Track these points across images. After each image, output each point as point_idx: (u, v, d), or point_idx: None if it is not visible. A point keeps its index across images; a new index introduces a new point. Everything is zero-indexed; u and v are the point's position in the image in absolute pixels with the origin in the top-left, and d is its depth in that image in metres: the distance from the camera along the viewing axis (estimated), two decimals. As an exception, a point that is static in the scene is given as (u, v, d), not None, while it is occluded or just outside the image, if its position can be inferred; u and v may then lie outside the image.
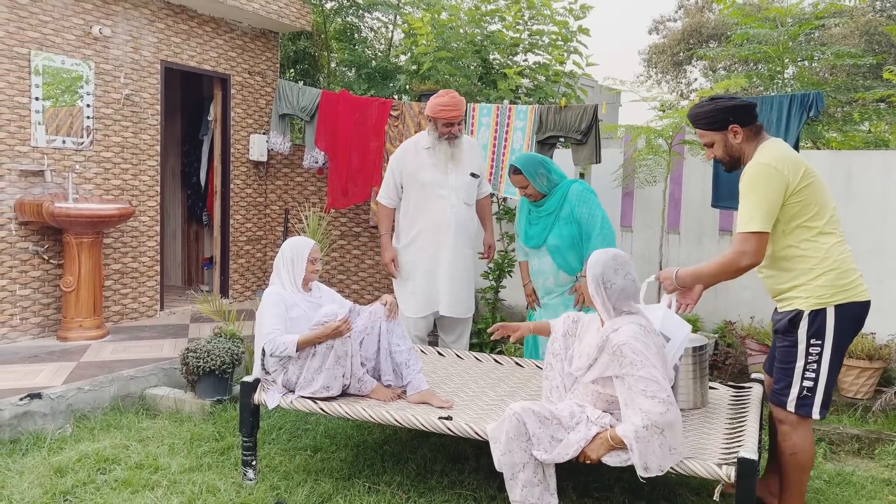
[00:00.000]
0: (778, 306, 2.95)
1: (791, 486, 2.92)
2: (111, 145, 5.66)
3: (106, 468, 3.39)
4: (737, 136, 2.86)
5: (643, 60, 25.22)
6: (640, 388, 2.51)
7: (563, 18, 6.37)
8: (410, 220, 4.34)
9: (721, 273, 2.84)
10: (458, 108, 4.18)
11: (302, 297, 3.42)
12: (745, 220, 2.74)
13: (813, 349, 2.80)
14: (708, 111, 2.88)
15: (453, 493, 3.23)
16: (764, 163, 2.76)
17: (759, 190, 2.72)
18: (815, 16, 6.72)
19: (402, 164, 4.32)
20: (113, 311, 5.74)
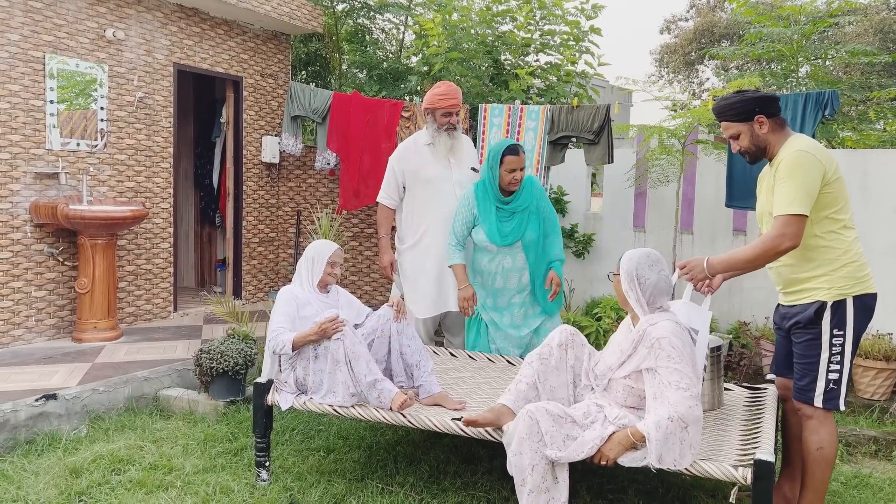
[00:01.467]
0: (788, 299, 2.93)
1: (815, 483, 2.89)
2: (125, 148, 5.70)
3: (120, 469, 3.41)
4: (763, 127, 2.88)
5: (655, 60, 25.15)
6: (672, 380, 2.51)
7: (575, 18, 6.36)
8: (417, 218, 4.28)
9: (760, 257, 2.80)
10: (455, 97, 4.13)
11: (316, 296, 3.42)
12: (787, 203, 2.73)
13: (836, 340, 2.81)
14: (734, 102, 2.92)
15: (466, 495, 3.23)
16: (803, 149, 2.79)
17: (799, 175, 2.74)
18: (830, 14, 6.66)
19: (404, 162, 4.27)
20: (127, 312, 5.77)
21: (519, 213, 3.91)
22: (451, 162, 4.21)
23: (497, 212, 3.91)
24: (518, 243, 3.92)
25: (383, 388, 3.07)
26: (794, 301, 2.91)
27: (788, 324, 2.96)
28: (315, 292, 3.43)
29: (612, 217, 5.98)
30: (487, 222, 3.91)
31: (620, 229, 5.87)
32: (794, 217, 2.71)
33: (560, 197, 5.97)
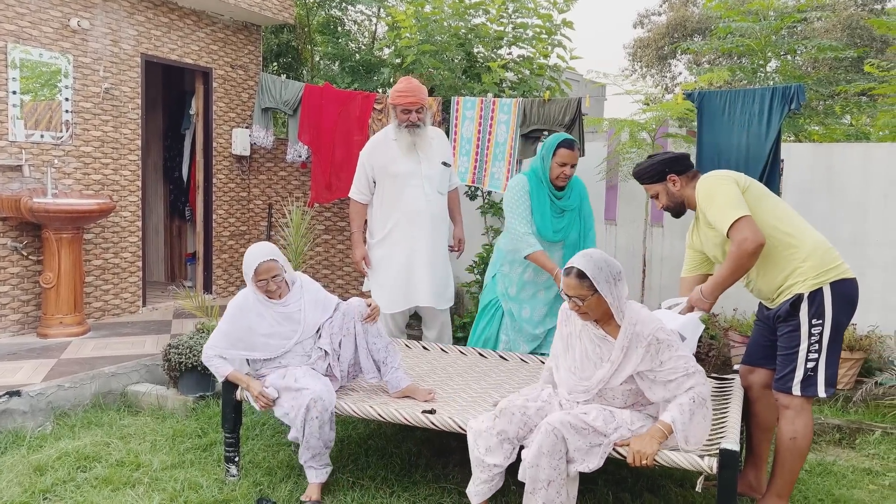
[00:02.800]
0: (774, 304, 2.99)
1: (784, 472, 2.94)
2: (91, 140, 5.59)
3: (86, 466, 3.35)
4: (675, 185, 3.11)
5: (628, 54, 25.29)
6: (680, 367, 2.55)
7: (547, 12, 6.36)
8: (385, 213, 4.26)
9: (735, 270, 2.90)
10: (414, 93, 4.08)
11: (271, 309, 3.23)
12: (725, 217, 2.86)
13: (815, 329, 2.87)
14: (646, 167, 3.15)
15: (438, 487, 3.23)
16: (703, 177, 3.05)
17: (717, 191, 2.94)
18: (797, 9, 6.75)
19: (373, 157, 4.24)
20: (94, 307, 5.68)
21: (569, 212, 3.90)
22: (420, 157, 4.17)
23: (551, 206, 3.86)
24: (561, 241, 3.91)
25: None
26: (779, 303, 2.97)
27: (765, 318, 3.07)
28: (270, 304, 3.24)
29: (583, 210, 6.00)
30: (541, 215, 3.82)
31: (592, 222, 5.89)
32: (740, 220, 2.82)
33: (532, 190, 5.98)
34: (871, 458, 3.83)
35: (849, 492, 3.37)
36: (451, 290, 4.46)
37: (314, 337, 3.31)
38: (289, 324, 3.25)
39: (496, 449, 2.66)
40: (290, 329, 3.25)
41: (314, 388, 3.06)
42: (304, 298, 3.32)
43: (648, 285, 5.60)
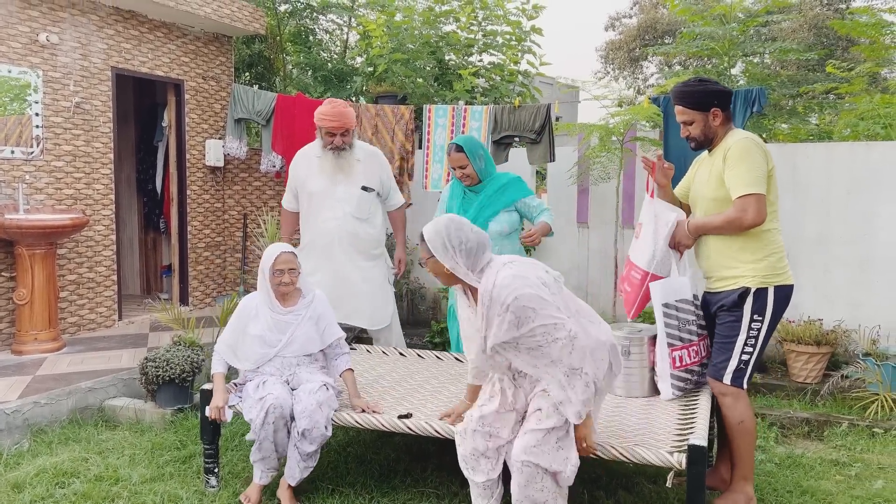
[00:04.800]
0: (716, 285, 3.09)
1: (742, 455, 3.06)
2: (62, 154, 5.57)
3: (64, 482, 3.35)
4: (716, 119, 3.03)
5: (600, 57, 25.57)
6: (550, 340, 2.46)
7: (517, 19, 6.45)
8: (303, 227, 4.29)
9: (724, 228, 2.97)
10: (338, 119, 4.00)
11: (271, 312, 3.28)
12: (745, 184, 2.88)
13: (755, 324, 2.99)
14: (695, 91, 3.05)
15: (416, 492, 3.27)
16: (750, 138, 2.98)
17: (750, 158, 2.91)
18: (760, 12, 6.90)
19: (296, 169, 4.24)
20: (69, 322, 5.64)
21: (481, 200, 3.94)
22: (339, 178, 4.11)
23: (463, 196, 4.01)
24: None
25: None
26: (721, 287, 3.07)
27: (714, 308, 3.12)
28: (273, 307, 3.29)
29: (556, 213, 6.01)
30: (452, 207, 4.02)
31: (565, 225, 5.98)
32: (755, 196, 2.87)
33: (505, 195, 6.06)
34: (839, 449, 3.94)
35: (816, 483, 3.47)
36: (386, 310, 4.37)
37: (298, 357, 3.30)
38: (279, 332, 3.27)
39: (477, 467, 2.67)
40: (277, 338, 3.27)
41: (275, 393, 3.10)
42: (306, 314, 3.32)
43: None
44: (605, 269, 5.80)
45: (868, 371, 4.55)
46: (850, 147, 5.21)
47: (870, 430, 4.12)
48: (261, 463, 3.16)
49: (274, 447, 3.12)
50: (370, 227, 4.24)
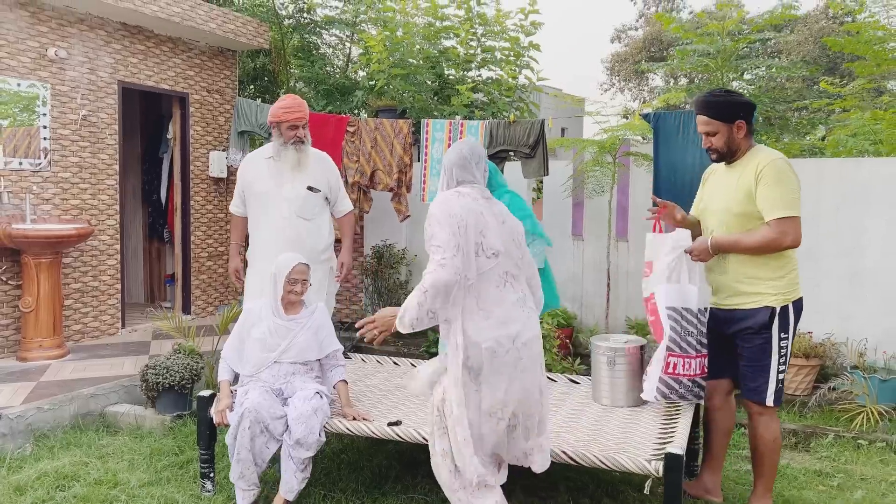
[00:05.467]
0: (731, 302, 3.07)
1: (771, 469, 3.16)
2: (69, 165, 5.71)
3: (65, 485, 3.45)
4: (740, 131, 3.05)
5: (606, 69, 25.73)
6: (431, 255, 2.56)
7: (515, 34, 6.58)
8: (251, 231, 4.24)
9: (760, 248, 2.96)
10: (300, 109, 4.03)
11: (274, 318, 3.37)
12: (784, 207, 2.91)
13: (783, 343, 3.04)
14: (721, 101, 3.06)
15: (406, 498, 3.36)
16: (783, 158, 3.01)
17: (787, 180, 2.95)
18: (760, 26, 7.01)
19: (243, 173, 4.22)
20: (74, 329, 5.77)
21: None
22: (285, 178, 4.07)
23: None
24: None
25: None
26: (737, 304, 3.07)
27: (734, 328, 3.09)
28: (277, 313, 3.39)
29: (551, 226, 6.18)
30: None
31: (560, 238, 6.08)
32: (794, 219, 2.92)
33: (502, 208, 6.18)
34: (823, 460, 4.01)
35: (798, 493, 3.54)
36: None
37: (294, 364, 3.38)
38: (279, 337, 3.36)
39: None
40: (276, 343, 3.36)
41: (252, 398, 3.17)
42: (307, 323, 3.42)
43: (615, 298, 5.78)
44: (598, 281, 5.89)
45: (855, 384, 4.62)
46: (840, 163, 5.30)
47: (855, 442, 4.19)
48: (241, 481, 3.17)
49: (252, 458, 3.13)
50: (315, 229, 4.16)
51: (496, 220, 2.65)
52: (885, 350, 4.97)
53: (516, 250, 2.69)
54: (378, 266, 6.39)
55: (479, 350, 2.53)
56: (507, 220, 2.71)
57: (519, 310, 2.62)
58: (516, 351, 2.56)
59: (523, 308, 2.64)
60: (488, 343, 2.53)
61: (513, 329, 2.57)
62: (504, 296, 2.60)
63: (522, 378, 2.58)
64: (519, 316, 2.61)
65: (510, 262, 2.66)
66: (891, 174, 5.09)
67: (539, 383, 2.66)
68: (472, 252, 2.54)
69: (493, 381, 2.55)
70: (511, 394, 2.57)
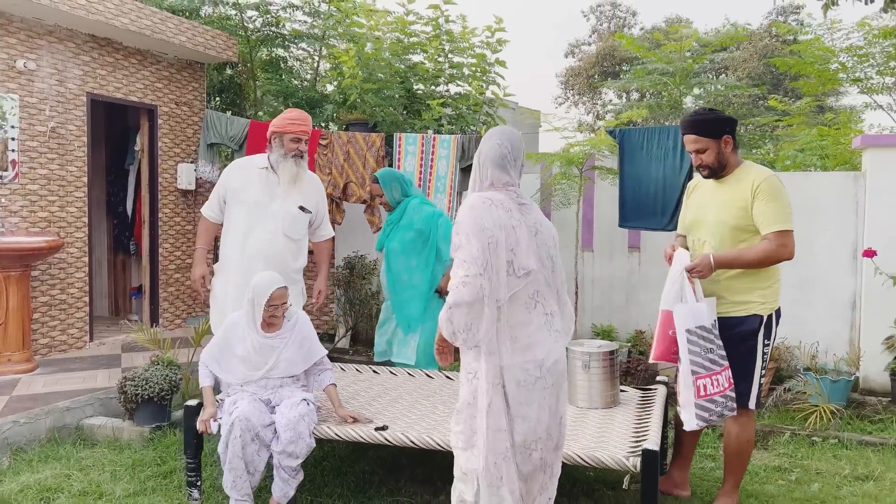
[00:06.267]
0: (721, 308, 3.20)
1: (741, 469, 3.38)
2: (37, 178, 5.66)
3: (49, 497, 3.46)
4: (727, 146, 3.22)
5: (560, 83, 26.27)
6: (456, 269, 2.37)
7: (482, 51, 6.78)
8: (227, 239, 4.07)
9: (764, 261, 3.11)
10: (306, 122, 4.01)
11: (257, 336, 3.38)
12: (782, 221, 3.09)
13: (766, 349, 3.25)
14: (707, 119, 3.23)
15: (392, 500, 3.47)
16: (776, 175, 3.20)
17: (782, 196, 3.14)
18: (709, 49, 7.37)
19: (229, 179, 4.07)
20: (41, 343, 5.70)
21: (389, 226, 4.51)
22: (278, 193, 3.97)
23: (390, 216, 4.56)
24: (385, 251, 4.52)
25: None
26: (729, 312, 3.22)
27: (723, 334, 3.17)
28: (258, 333, 3.38)
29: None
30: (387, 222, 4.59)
31: (528, 249, 6.26)
32: (790, 232, 3.10)
33: (471, 219, 6.35)
34: (781, 456, 4.25)
35: (760, 487, 3.76)
36: None
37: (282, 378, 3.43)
38: (264, 355, 3.38)
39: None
40: (262, 361, 3.38)
41: (241, 407, 3.22)
42: (291, 338, 3.43)
43: (581, 307, 5.99)
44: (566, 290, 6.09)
45: (808, 385, 4.90)
46: (790, 177, 5.61)
47: (809, 439, 4.45)
48: (234, 491, 3.21)
49: (244, 465, 3.19)
50: (297, 250, 4.09)
51: (529, 233, 2.42)
52: (835, 353, 5.28)
53: (548, 262, 2.48)
54: (350, 277, 6.47)
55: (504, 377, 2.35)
56: (541, 231, 2.49)
57: (545, 332, 2.42)
58: (543, 380, 2.39)
59: (549, 331, 2.44)
60: (514, 370, 2.35)
61: (538, 353, 2.39)
62: (531, 318, 2.40)
63: (550, 403, 2.43)
64: (545, 339, 2.41)
65: (541, 278, 2.44)
66: (837, 187, 5.43)
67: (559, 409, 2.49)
68: (502, 271, 2.33)
69: (525, 413, 2.37)
70: (542, 422, 2.40)
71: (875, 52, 6.40)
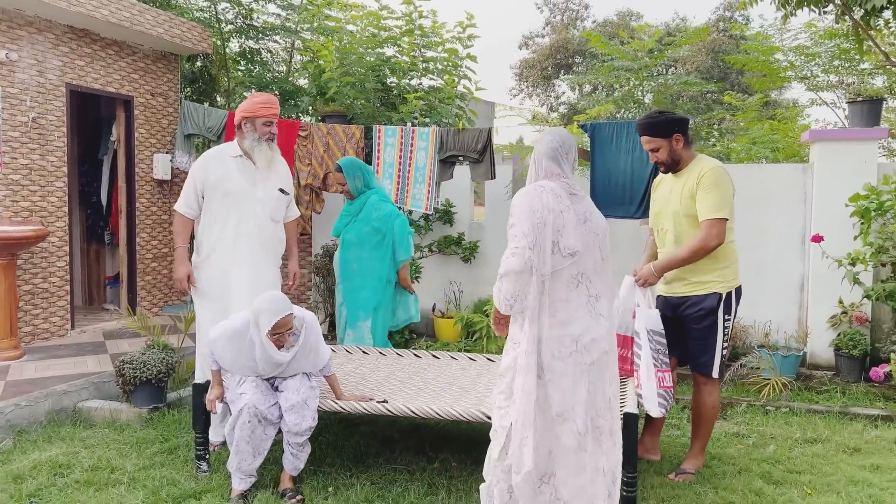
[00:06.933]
0: (683, 290, 3.59)
1: (708, 431, 3.76)
2: (19, 168, 5.71)
3: (63, 472, 3.61)
4: (678, 143, 3.56)
5: (515, 74, 26.66)
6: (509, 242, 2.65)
7: (453, 46, 7.03)
8: (209, 231, 4.03)
9: (692, 258, 3.45)
10: (276, 105, 4.03)
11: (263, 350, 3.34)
12: (714, 209, 3.40)
13: (726, 324, 3.60)
14: (658, 122, 3.57)
15: (389, 468, 3.73)
16: (721, 167, 3.53)
17: (722, 186, 3.45)
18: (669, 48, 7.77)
19: (205, 171, 4.01)
20: (24, 331, 5.77)
21: (348, 216, 4.70)
22: (258, 178, 4.02)
23: (349, 206, 4.76)
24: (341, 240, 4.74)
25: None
26: (690, 292, 3.59)
27: (686, 312, 3.60)
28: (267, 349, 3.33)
29: (493, 226, 6.69)
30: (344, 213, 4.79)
31: (501, 237, 6.54)
32: (720, 220, 3.42)
33: (448, 209, 6.61)
34: (739, 424, 4.65)
35: (722, 450, 4.15)
36: None
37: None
38: (273, 368, 3.43)
39: None
40: (270, 369, 3.44)
41: (249, 394, 3.38)
42: (299, 350, 3.41)
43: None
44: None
45: (762, 360, 5.33)
46: (746, 169, 6.04)
47: (764, 409, 4.87)
48: (237, 472, 3.38)
49: (251, 450, 3.35)
50: (280, 232, 4.18)
51: (577, 220, 2.65)
52: (785, 331, 5.73)
53: (595, 249, 2.69)
54: (328, 265, 6.66)
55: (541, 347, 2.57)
56: (591, 219, 2.71)
57: (584, 311, 2.62)
58: (578, 354, 2.58)
59: (591, 312, 2.64)
60: (551, 342, 2.57)
61: (574, 330, 2.59)
62: (571, 296, 2.61)
63: (587, 381, 2.59)
64: (583, 317, 2.61)
65: (588, 262, 2.65)
66: (787, 178, 5.87)
67: (606, 391, 2.66)
68: (548, 249, 2.57)
69: (558, 382, 2.58)
70: (578, 395, 2.58)
71: (821, 51, 6.88)
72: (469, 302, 6.60)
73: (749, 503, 3.41)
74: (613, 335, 2.75)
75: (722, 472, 3.78)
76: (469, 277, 6.73)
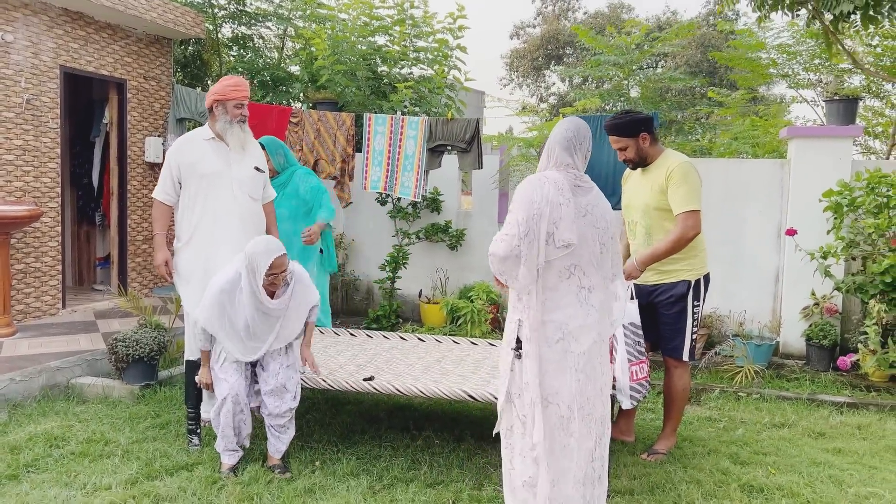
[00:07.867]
0: (655, 278, 3.77)
1: (679, 413, 3.94)
2: (13, 148, 5.79)
3: (58, 444, 3.74)
4: (645, 142, 3.73)
5: (505, 64, 26.73)
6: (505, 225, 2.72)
7: (444, 36, 7.14)
8: (189, 215, 4.05)
9: (673, 249, 3.60)
10: (246, 87, 4.07)
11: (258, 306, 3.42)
12: (687, 202, 3.56)
13: (696, 309, 3.79)
14: (624, 122, 3.72)
15: (375, 444, 3.89)
16: (688, 161, 3.69)
17: (691, 179, 3.62)
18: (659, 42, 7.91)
19: (180, 156, 4.03)
20: (17, 310, 5.86)
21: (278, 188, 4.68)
22: (233, 158, 4.04)
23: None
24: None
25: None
26: (661, 280, 3.78)
27: (657, 299, 3.79)
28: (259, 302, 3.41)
29: (480, 215, 6.84)
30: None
31: (487, 225, 6.72)
32: (696, 212, 3.58)
33: (436, 197, 6.75)
34: (711, 409, 4.84)
35: (694, 432, 4.33)
36: None
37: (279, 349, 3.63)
38: (266, 328, 3.52)
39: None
40: (264, 332, 3.52)
41: (230, 382, 3.50)
42: (290, 304, 3.54)
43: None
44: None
45: (736, 348, 5.52)
46: (725, 163, 6.21)
47: (735, 395, 5.06)
48: (225, 451, 3.54)
49: (233, 432, 3.51)
50: (259, 210, 4.21)
51: (576, 213, 2.66)
52: (759, 321, 5.93)
53: (595, 244, 2.70)
54: (317, 249, 6.79)
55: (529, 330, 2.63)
56: (592, 213, 2.71)
57: (573, 300, 2.66)
58: (565, 342, 2.63)
59: (581, 302, 2.67)
60: (536, 326, 2.62)
61: (558, 317, 2.63)
62: (561, 286, 2.64)
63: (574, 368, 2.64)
64: (568, 306, 2.65)
65: (584, 254, 2.67)
66: (765, 173, 6.05)
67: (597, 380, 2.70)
68: (542, 239, 2.59)
69: (545, 368, 2.62)
70: (563, 382, 2.63)
71: (802, 50, 7.05)
72: (455, 288, 6.75)
73: (715, 481, 3.59)
74: (605, 326, 2.76)
75: (692, 453, 3.96)
76: (455, 264, 6.88)
